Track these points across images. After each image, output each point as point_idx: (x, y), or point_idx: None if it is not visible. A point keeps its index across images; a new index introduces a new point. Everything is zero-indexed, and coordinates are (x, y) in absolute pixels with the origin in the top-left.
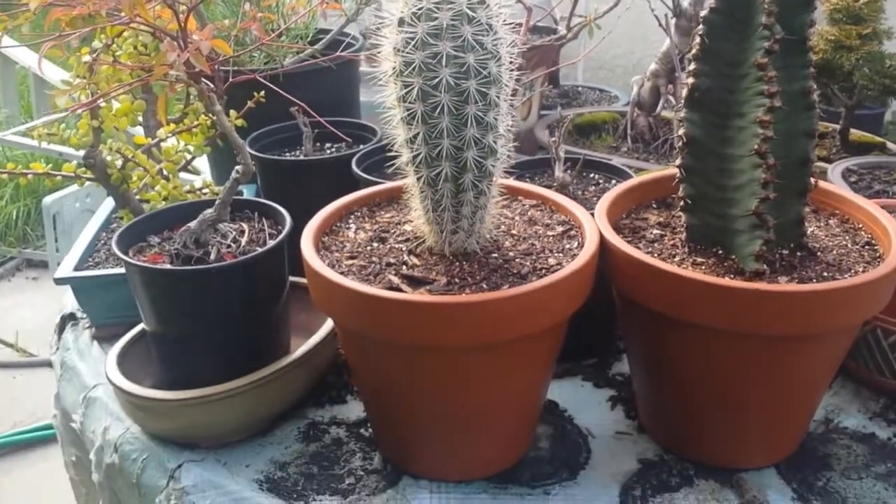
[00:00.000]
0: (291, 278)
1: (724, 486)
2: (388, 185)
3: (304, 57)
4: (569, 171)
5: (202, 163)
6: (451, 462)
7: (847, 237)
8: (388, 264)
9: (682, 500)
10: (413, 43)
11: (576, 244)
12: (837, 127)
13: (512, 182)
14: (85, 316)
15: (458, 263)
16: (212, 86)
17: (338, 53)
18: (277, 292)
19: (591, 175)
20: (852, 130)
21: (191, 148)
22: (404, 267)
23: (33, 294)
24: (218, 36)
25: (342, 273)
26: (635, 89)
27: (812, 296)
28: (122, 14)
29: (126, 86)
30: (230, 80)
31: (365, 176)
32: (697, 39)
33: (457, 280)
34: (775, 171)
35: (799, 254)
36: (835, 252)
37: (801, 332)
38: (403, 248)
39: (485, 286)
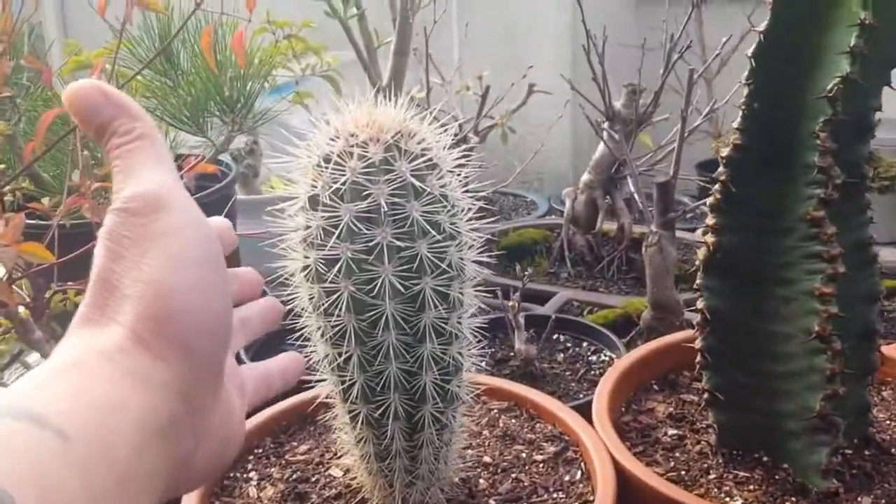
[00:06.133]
0: None
1: None
2: (297, 399)
3: None
4: (533, 342)
5: None
6: None
7: None
8: None
9: None
10: (338, 233)
11: (579, 474)
12: None
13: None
14: None
15: None
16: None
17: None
18: None
19: (556, 336)
20: None
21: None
22: None
23: None
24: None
25: None
26: (568, 203)
27: None
28: None
29: None
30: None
31: None
32: (718, 186)
33: None
34: (843, 359)
35: (867, 452)
36: None
37: None
38: None
39: None
